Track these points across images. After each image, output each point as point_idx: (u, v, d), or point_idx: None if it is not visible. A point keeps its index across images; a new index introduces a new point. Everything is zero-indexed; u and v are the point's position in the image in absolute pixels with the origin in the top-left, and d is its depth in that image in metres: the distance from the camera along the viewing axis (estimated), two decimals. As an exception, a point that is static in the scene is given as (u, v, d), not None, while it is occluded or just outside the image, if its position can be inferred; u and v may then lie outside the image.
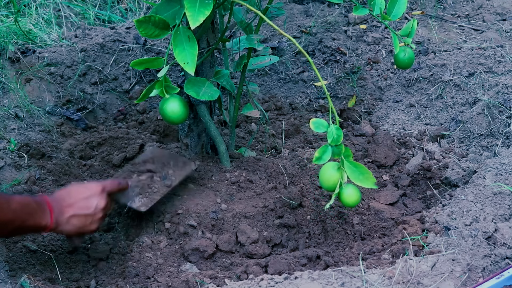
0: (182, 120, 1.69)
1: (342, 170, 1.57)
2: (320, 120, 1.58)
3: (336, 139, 1.56)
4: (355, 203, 1.61)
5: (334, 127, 1.57)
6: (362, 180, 1.56)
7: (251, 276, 1.64)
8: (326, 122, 1.57)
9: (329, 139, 1.56)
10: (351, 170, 1.57)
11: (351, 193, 1.59)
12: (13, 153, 2.13)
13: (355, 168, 1.57)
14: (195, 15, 1.45)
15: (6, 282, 1.57)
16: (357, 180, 1.56)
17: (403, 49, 1.73)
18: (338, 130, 1.56)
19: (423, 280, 1.49)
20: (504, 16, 2.82)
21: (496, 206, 1.72)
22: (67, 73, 2.47)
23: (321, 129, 1.57)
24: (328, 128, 1.57)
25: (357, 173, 1.57)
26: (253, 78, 2.58)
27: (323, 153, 1.56)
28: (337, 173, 1.58)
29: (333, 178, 1.58)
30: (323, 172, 1.60)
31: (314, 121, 1.57)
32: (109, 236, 1.83)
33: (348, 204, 1.60)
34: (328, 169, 1.59)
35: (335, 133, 1.56)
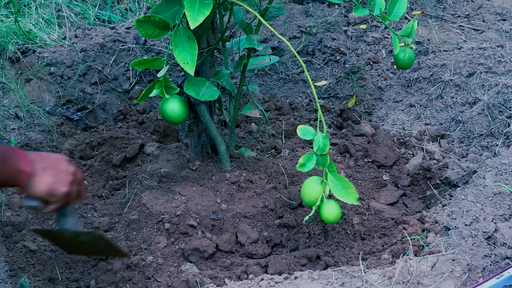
0: (182, 120, 1.70)
1: (325, 184, 1.55)
2: (307, 128, 1.55)
3: (322, 148, 1.53)
4: (335, 220, 1.57)
5: (321, 135, 1.54)
6: (345, 195, 1.53)
7: (251, 276, 1.64)
8: (313, 130, 1.55)
9: (315, 148, 1.53)
10: (334, 184, 1.54)
11: (331, 209, 1.56)
12: (13, 153, 2.12)
13: (338, 181, 1.54)
14: (195, 15, 1.45)
15: (6, 282, 1.57)
16: (339, 195, 1.53)
17: (403, 49, 1.73)
18: (324, 139, 1.53)
19: (423, 280, 1.49)
20: (504, 16, 2.82)
21: (496, 206, 1.72)
22: (67, 73, 2.47)
23: (308, 136, 1.54)
24: (314, 136, 1.54)
25: (340, 188, 1.53)
26: (253, 78, 2.58)
27: (307, 160, 1.54)
28: (319, 187, 1.55)
29: (315, 192, 1.55)
30: (305, 186, 1.57)
31: (301, 128, 1.55)
32: (109, 236, 1.83)
33: (328, 220, 1.57)
34: (311, 182, 1.57)
35: (321, 142, 1.53)
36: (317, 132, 1.54)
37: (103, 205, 1.99)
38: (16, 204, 1.91)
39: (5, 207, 1.89)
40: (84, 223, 1.90)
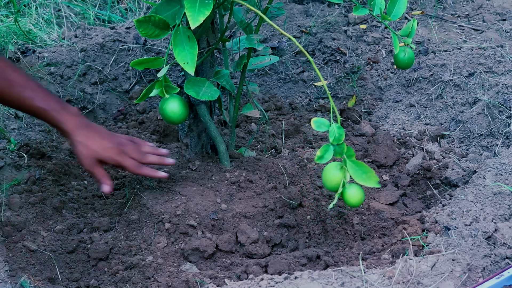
0: (182, 120, 1.70)
1: (345, 170, 1.57)
2: (321, 119, 1.57)
3: (338, 138, 1.55)
4: (358, 202, 1.60)
5: (336, 126, 1.56)
6: (365, 179, 1.56)
7: (251, 276, 1.64)
8: (328, 121, 1.57)
9: (331, 138, 1.55)
10: (354, 170, 1.56)
11: (354, 193, 1.59)
12: (13, 153, 2.13)
13: (358, 167, 1.56)
14: (195, 15, 1.45)
15: (6, 282, 1.57)
16: (360, 180, 1.56)
17: (403, 49, 1.73)
18: (339, 129, 1.56)
19: (423, 280, 1.49)
20: (504, 16, 2.82)
21: (496, 206, 1.72)
22: (67, 73, 2.47)
23: (323, 128, 1.57)
24: (329, 127, 1.56)
25: (360, 172, 1.56)
26: (253, 78, 2.58)
27: (325, 152, 1.56)
28: (340, 173, 1.57)
29: (336, 178, 1.58)
30: (326, 173, 1.60)
31: (315, 120, 1.57)
32: (109, 236, 1.83)
33: (352, 204, 1.60)
34: (331, 169, 1.59)
35: (337, 132, 1.56)
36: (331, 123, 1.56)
37: (103, 205, 1.99)
38: (16, 204, 1.91)
39: (5, 207, 1.89)
40: (84, 223, 1.90)
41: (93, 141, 1.74)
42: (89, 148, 1.73)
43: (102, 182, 1.76)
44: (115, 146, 1.76)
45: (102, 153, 1.74)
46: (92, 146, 1.73)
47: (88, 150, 1.73)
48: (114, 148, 1.76)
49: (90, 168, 1.75)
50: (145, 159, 1.81)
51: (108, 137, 1.77)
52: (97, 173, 1.76)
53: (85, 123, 1.76)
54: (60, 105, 1.74)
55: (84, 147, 1.73)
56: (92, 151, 1.73)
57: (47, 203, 1.95)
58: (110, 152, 1.75)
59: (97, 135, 1.75)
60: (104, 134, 1.77)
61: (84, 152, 1.73)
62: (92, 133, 1.75)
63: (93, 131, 1.76)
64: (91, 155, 1.74)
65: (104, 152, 1.74)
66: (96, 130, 1.77)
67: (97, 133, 1.76)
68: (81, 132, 1.73)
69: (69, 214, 1.94)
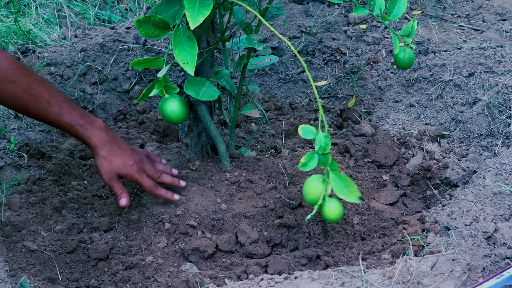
0: (182, 120, 1.69)
1: (327, 182, 1.54)
2: (309, 127, 1.55)
3: (324, 147, 1.53)
4: (337, 218, 1.57)
5: (323, 134, 1.54)
6: (347, 194, 1.52)
7: (251, 276, 1.64)
8: (315, 129, 1.55)
9: (316, 147, 1.53)
10: (336, 183, 1.53)
11: (333, 207, 1.56)
12: (13, 153, 2.13)
13: (341, 180, 1.53)
14: (195, 15, 1.45)
15: (6, 282, 1.57)
16: (341, 193, 1.52)
17: (403, 49, 1.73)
18: (326, 138, 1.53)
19: (423, 280, 1.49)
20: (504, 16, 2.82)
21: (496, 206, 1.72)
22: (67, 73, 2.47)
23: (309, 135, 1.54)
24: (316, 136, 1.54)
25: (342, 186, 1.52)
26: (253, 78, 2.58)
27: (309, 160, 1.54)
28: (321, 185, 1.55)
29: (317, 191, 1.55)
30: (307, 185, 1.57)
31: (302, 127, 1.55)
32: (109, 236, 1.83)
33: (330, 219, 1.57)
34: (313, 181, 1.57)
35: (323, 141, 1.53)
36: (318, 131, 1.54)
37: (103, 205, 1.99)
38: (16, 204, 1.91)
39: (5, 207, 1.89)
40: (84, 223, 1.90)
41: (116, 157, 1.80)
42: (112, 164, 1.79)
43: (120, 196, 1.82)
44: (135, 164, 1.82)
45: (123, 170, 1.80)
46: (115, 162, 1.80)
47: (111, 165, 1.79)
48: (134, 165, 1.82)
49: (110, 182, 1.81)
50: (161, 179, 1.87)
51: (130, 154, 1.83)
52: (116, 186, 1.81)
53: (110, 138, 1.81)
54: (86, 119, 1.79)
55: (107, 162, 1.79)
56: (114, 167, 1.80)
57: (47, 203, 1.95)
58: (130, 169, 1.81)
59: (120, 150, 1.81)
60: (126, 150, 1.83)
61: (106, 167, 1.79)
62: (115, 148, 1.81)
63: (117, 147, 1.81)
64: (112, 170, 1.80)
65: (125, 169, 1.81)
66: (120, 146, 1.82)
67: (120, 149, 1.81)
68: (105, 148, 1.79)
69: (69, 214, 1.94)
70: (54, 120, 1.76)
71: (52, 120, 1.77)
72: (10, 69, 1.70)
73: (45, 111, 1.74)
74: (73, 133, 1.79)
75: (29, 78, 1.73)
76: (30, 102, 1.72)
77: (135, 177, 1.82)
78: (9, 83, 1.69)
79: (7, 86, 1.69)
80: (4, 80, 1.69)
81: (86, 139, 1.79)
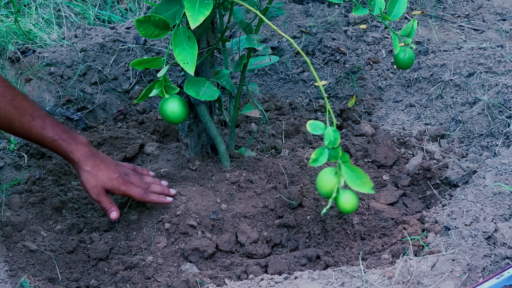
0: (182, 120, 1.69)
1: (339, 175, 1.55)
2: (317, 122, 1.56)
3: (333, 141, 1.53)
4: (352, 209, 1.58)
5: (331, 129, 1.54)
6: (360, 185, 1.53)
7: (251, 276, 1.64)
8: (323, 124, 1.56)
9: (326, 142, 1.53)
10: (348, 175, 1.54)
11: (348, 199, 1.57)
12: (13, 153, 2.13)
13: (353, 172, 1.54)
14: (195, 15, 1.45)
15: (6, 282, 1.57)
16: (354, 185, 1.53)
17: (403, 49, 1.73)
18: (335, 133, 1.54)
19: (423, 280, 1.49)
20: (504, 16, 2.82)
21: (496, 206, 1.72)
22: (67, 73, 2.47)
23: (318, 131, 1.55)
24: (325, 130, 1.55)
25: (355, 178, 1.53)
26: (253, 78, 2.58)
27: (319, 155, 1.54)
28: (334, 178, 1.56)
29: (330, 183, 1.56)
30: (320, 178, 1.58)
31: (311, 123, 1.55)
32: (109, 236, 1.83)
33: (346, 210, 1.58)
34: (325, 174, 1.57)
35: (332, 136, 1.54)
36: (327, 126, 1.55)
37: (103, 205, 1.99)
38: (16, 204, 1.91)
39: (5, 207, 1.89)
40: (84, 223, 1.90)
41: (100, 171, 1.78)
42: (97, 178, 1.77)
43: (110, 210, 1.80)
44: (120, 176, 1.80)
45: (109, 184, 1.78)
46: (100, 176, 1.77)
47: (96, 180, 1.77)
48: (119, 178, 1.80)
49: (97, 197, 1.79)
50: (149, 189, 1.85)
51: (114, 168, 1.81)
52: (104, 201, 1.79)
53: (92, 152, 1.79)
54: (68, 134, 1.77)
55: (92, 177, 1.77)
56: (99, 181, 1.77)
57: (47, 203, 1.95)
58: (116, 182, 1.79)
59: (103, 164, 1.79)
60: (110, 164, 1.81)
61: (92, 182, 1.77)
62: (99, 163, 1.79)
63: (100, 161, 1.79)
64: (98, 185, 1.78)
65: (110, 182, 1.78)
66: (103, 160, 1.80)
67: (103, 163, 1.79)
68: (89, 163, 1.77)
69: (69, 214, 1.94)
70: (36, 134, 1.73)
71: (35, 135, 1.73)
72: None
73: (28, 125, 1.71)
74: (55, 148, 1.76)
75: (12, 91, 1.71)
76: (14, 115, 1.69)
77: (122, 189, 1.79)
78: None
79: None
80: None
81: (69, 153, 1.76)
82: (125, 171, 1.85)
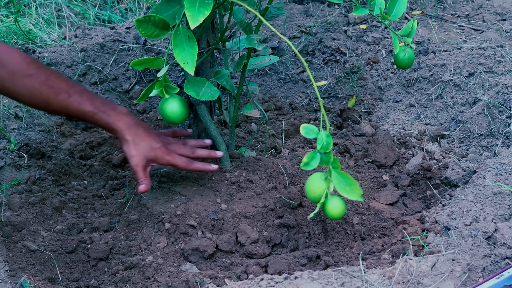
0: (182, 120, 1.69)
1: (329, 181, 1.55)
2: (310, 126, 1.56)
3: (326, 146, 1.53)
4: (339, 216, 1.58)
5: (324, 133, 1.54)
6: (349, 192, 1.53)
7: (251, 276, 1.64)
8: (317, 128, 1.56)
9: (318, 146, 1.53)
10: (338, 181, 1.54)
11: (335, 205, 1.56)
12: (13, 153, 2.13)
13: (343, 178, 1.54)
14: (195, 15, 1.45)
15: (6, 282, 1.57)
16: (343, 191, 1.53)
17: (403, 49, 1.73)
18: (328, 137, 1.53)
19: (423, 280, 1.49)
20: (504, 16, 2.82)
21: (496, 206, 1.72)
22: (67, 73, 2.47)
23: (311, 135, 1.55)
24: (318, 135, 1.54)
25: (344, 184, 1.53)
26: (253, 78, 2.58)
27: (311, 159, 1.54)
28: (323, 183, 1.55)
29: (319, 189, 1.56)
30: (309, 182, 1.58)
31: (304, 126, 1.55)
32: (109, 236, 1.83)
33: (333, 216, 1.58)
34: (315, 179, 1.57)
35: (325, 140, 1.53)
36: (320, 130, 1.55)
37: (103, 205, 1.99)
38: (16, 204, 1.91)
39: (5, 207, 1.89)
40: (84, 223, 1.90)
41: (142, 140, 1.75)
42: (139, 148, 1.74)
43: (141, 182, 1.76)
44: (163, 146, 1.77)
45: (151, 153, 1.75)
46: (142, 145, 1.74)
47: (138, 149, 1.74)
48: (162, 147, 1.76)
49: (135, 167, 1.75)
50: (195, 153, 1.82)
51: (156, 137, 1.78)
52: (140, 172, 1.76)
53: (134, 121, 1.77)
54: (108, 106, 1.75)
55: (134, 146, 1.74)
56: (141, 150, 1.74)
57: (47, 203, 1.95)
58: (158, 151, 1.76)
59: (145, 133, 1.76)
60: (152, 133, 1.78)
61: (133, 151, 1.74)
62: (141, 132, 1.76)
63: (142, 130, 1.76)
64: (140, 154, 1.75)
65: (153, 152, 1.75)
66: (145, 130, 1.77)
67: (145, 132, 1.76)
68: (131, 132, 1.74)
69: (69, 214, 1.94)
70: (75, 110, 1.72)
71: (74, 111, 1.72)
72: (25, 63, 1.66)
73: (66, 102, 1.70)
74: (96, 121, 1.74)
75: (45, 71, 1.70)
76: (50, 95, 1.68)
77: (166, 158, 1.76)
78: (26, 77, 1.66)
79: (25, 81, 1.66)
80: (21, 75, 1.65)
81: (110, 124, 1.74)
82: (168, 140, 1.81)
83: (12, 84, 1.66)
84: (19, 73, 1.66)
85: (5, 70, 1.65)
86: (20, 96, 1.69)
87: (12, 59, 1.66)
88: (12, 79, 1.66)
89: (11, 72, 1.65)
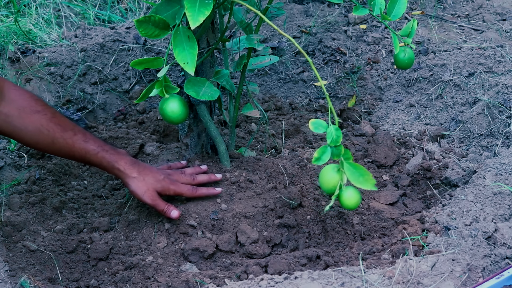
0: (182, 120, 1.69)
1: (342, 172, 1.56)
2: (319, 121, 1.57)
3: (336, 139, 1.54)
4: (355, 205, 1.59)
5: (333, 127, 1.55)
6: (362, 182, 1.55)
7: (251, 276, 1.64)
8: (325, 122, 1.57)
9: (328, 140, 1.54)
10: (351, 172, 1.55)
11: (350, 195, 1.58)
12: (13, 153, 2.13)
13: (355, 169, 1.55)
14: (195, 15, 1.45)
15: (6, 282, 1.57)
16: (357, 182, 1.55)
17: (403, 49, 1.73)
18: (337, 131, 1.55)
19: (423, 280, 1.49)
20: (504, 16, 2.82)
21: (496, 206, 1.72)
22: (67, 73, 2.47)
23: (320, 129, 1.56)
24: (327, 129, 1.55)
25: (357, 175, 1.55)
26: (253, 78, 2.58)
27: (322, 153, 1.55)
28: (337, 175, 1.57)
29: (333, 180, 1.57)
30: (323, 175, 1.59)
31: (313, 121, 1.56)
32: (109, 236, 1.83)
33: (348, 206, 1.59)
34: (328, 171, 1.58)
35: (335, 134, 1.55)
36: (329, 124, 1.55)
37: (103, 205, 1.99)
38: (16, 204, 1.91)
39: (5, 207, 1.89)
40: (84, 223, 1.90)
41: (147, 175, 1.79)
42: (146, 182, 1.78)
43: (169, 210, 1.80)
44: (166, 177, 1.81)
45: (158, 185, 1.79)
46: (148, 180, 1.78)
47: (146, 184, 1.78)
48: (166, 179, 1.81)
49: (152, 202, 1.79)
50: (196, 180, 1.86)
51: (157, 170, 1.83)
52: (160, 204, 1.79)
53: (133, 160, 1.81)
54: (109, 146, 1.79)
55: (141, 182, 1.78)
56: (149, 184, 1.78)
57: (47, 203, 1.95)
58: (164, 183, 1.80)
59: (147, 169, 1.81)
60: (152, 168, 1.83)
61: (142, 187, 1.78)
62: (143, 168, 1.80)
63: (143, 167, 1.81)
64: (150, 189, 1.78)
65: (159, 183, 1.79)
66: (145, 166, 1.82)
67: (147, 168, 1.81)
68: (134, 170, 1.78)
69: (69, 214, 1.94)
70: (80, 148, 1.74)
71: (78, 149, 1.74)
72: (33, 100, 1.70)
73: (71, 140, 1.73)
74: (99, 160, 1.77)
75: (50, 108, 1.73)
76: (57, 132, 1.71)
77: (172, 188, 1.80)
78: (34, 113, 1.69)
79: (33, 117, 1.69)
80: (30, 111, 1.68)
81: (113, 163, 1.77)
82: (167, 171, 1.86)
83: (20, 122, 1.68)
84: (27, 109, 1.68)
85: (14, 106, 1.68)
86: (27, 134, 1.70)
87: (21, 95, 1.69)
88: (20, 116, 1.68)
89: (21, 109, 1.68)
